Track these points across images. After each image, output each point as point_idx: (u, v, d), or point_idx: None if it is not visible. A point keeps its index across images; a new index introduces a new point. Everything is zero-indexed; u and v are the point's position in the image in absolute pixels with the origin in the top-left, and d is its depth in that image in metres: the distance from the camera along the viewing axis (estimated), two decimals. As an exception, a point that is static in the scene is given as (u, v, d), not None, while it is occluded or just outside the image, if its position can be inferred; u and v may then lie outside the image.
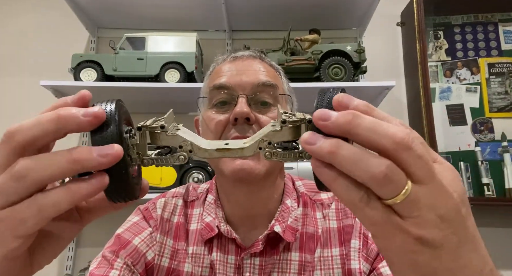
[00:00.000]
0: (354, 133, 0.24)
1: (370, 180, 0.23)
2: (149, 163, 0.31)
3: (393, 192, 0.23)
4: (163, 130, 0.30)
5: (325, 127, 0.24)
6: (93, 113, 0.25)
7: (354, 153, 0.23)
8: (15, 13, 1.75)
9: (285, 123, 0.30)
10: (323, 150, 0.24)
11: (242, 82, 0.59)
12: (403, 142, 0.23)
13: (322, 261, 0.60)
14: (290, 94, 0.66)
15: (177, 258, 0.62)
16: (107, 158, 0.25)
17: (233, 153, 0.31)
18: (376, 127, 0.24)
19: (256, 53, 0.67)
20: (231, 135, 0.57)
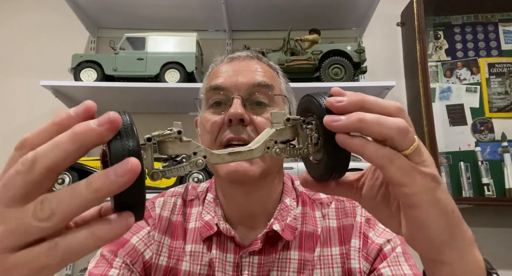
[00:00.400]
0: (366, 105, 0.30)
1: (396, 132, 0.28)
2: (159, 176, 0.29)
3: (410, 141, 0.29)
4: (179, 136, 0.30)
5: (343, 106, 0.29)
6: (108, 119, 0.23)
7: (377, 116, 0.29)
8: (15, 13, 1.75)
9: (289, 121, 0.33)
10: (352, 119, 0.29)
11: (237, 83, 0.59)
12: (401, 109, 0.30)
13: (321, 260, 0.60)
14: (288, 95, 0.66)
15: (175, 257, 0.62)
16: (126, 176, 0.22)
17: (243, 155, 0.33)
18: (379, 101, 0.30)
19: (253, 53, 0.67)
20: (226, 136, 0.57)
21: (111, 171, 0.22)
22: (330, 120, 0.29)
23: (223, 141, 0.58)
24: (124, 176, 0.22)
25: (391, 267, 0.56)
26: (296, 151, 0.33)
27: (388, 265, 0.56)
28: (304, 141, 0.33)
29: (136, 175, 0.23)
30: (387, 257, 0.58)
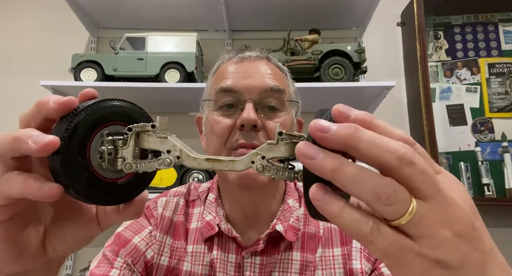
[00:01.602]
0: (355, 147, 0.22)
1: (374, 200, 0.21)
2: (131, 167, 0.29)
3: (399, 211, 0.21)
4: (153, 131, 0.29)
5: (324, 139, 0.22)
6: (58, 100, 0.27)
7: (358, 170, 0.22)
8: (15, 13, 1.75)
9: (282, 136, 0.28)
10: (325, 166, 0.22)
11: (249, 86, 0.58)
12: (405, 156, 0.22)
13: (323, 260, 0.60)
14: (296, 98, 0.66)
15: (176, 257, 0.62)
16: (37, 145, 0.25)
17: (223, 165, 0.29)
18: (377, 142, 0.22)
19: (263, 53, 0.66)
20: (238, 141, 0.56)
21: (32, 135, 0.26)
22: (301, 153, 0.23)
23: (233, 145, 0.57)
24: (36, 144, 0.25)
25: None
26: (289, 174, 0.28)
27: None
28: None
29: (47, 148, 0.25)
30: None
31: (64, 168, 0.26)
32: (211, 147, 0.60)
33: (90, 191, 0.28)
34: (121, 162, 0.29)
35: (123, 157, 0.29)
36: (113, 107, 0.29)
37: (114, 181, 0.30)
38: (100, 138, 0.29)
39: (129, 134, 0.29)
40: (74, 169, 0.27)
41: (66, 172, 0.26)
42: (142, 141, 0.30)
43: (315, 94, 1.40)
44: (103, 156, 0.29)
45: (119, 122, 0.30)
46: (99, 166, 0.29)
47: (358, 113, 0.24)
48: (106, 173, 0.29)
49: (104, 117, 0.28)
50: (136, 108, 0.31)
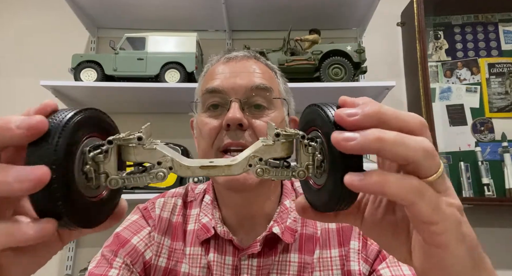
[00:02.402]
0: (385, 120, 0.24)
1: (422, 155, 0.23)
2: (117, 183, 0.26)
3: (437, 166, 0.24)
4: (140, 143, 0.27)
5: (356, 121, 0.24)
6: (27, 124, 0.22)
7: (399, 135, 0.23)
8: (15, 13, 1.75)
9: (279, 137, 0.28)
10: (369, 139, 0.23)
11: (235, 86, 0.58)
12: (425, 125, 0.25)
13: (321, 262, 0.59)
14: (286, 96, 0.65)
15: (174, 258, 0.62)
16: (25, 184, 0.21)
17: (219, 170, 0.28)
18: (399, 114, 0.25)
19: (250, 53, 0.65)
20: (224, 141, 0.56)
21: (12, 172, 0.21)
22: (341, 139, 0.23)
23: (221, 146, 0.57)
24: (23, 183, 0.21)
25: (390, 268, 0.56)
26: (288, 172, 0.28)
27: (387, 266, 0.56)
28: (303, 160, 0.28)
29: (38, 187, 0.21)
30: (386, 258, 0.57)
31: (58, 198, 0.23)
32: (200, 149, 0.61)
33: (84, 216, 0.26)
34: (105, 178, 0.26)
35: (105, 172, 0.26)
36: (86, 120, 0.26)
37: (99, 198, 0.28)
38: (81, 156, 0.26)
39: (110, 147, 0.26)
40: (69, 197, 0.24)
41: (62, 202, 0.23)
42: (127, 154, 0.27)
43: (315, 94, 1.40)
44: (88, 175, 0.26)
45: (93, 134, 0.27)
46: (85, 186, 0.26)
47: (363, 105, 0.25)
48: (90, 191, 0.27)
49: (80, 133, 0.26)
50: (101, 114, 0.28)
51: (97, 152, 0.26)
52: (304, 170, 0.28)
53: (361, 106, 0.25)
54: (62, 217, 0.24)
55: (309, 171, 0.28)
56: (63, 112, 0.25)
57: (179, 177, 1.33)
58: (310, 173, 0.28)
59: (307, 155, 0.28)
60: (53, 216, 0.23)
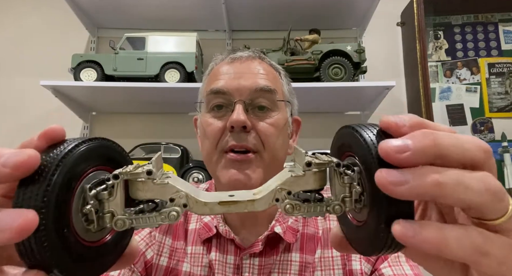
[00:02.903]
0: (442, 154, 0.20)
1: (488, 199, 0.20)
2: (124, 225, 0.23)
3: (505, 207, 0.20)
4: (150, 178, 0.23)
5: (407, 159, 0.19)
6: (13, 162, 0.19)
7: (458, 174, 0.19)
8: (15, 13, 1.75)
9: (310, 167, 0.24)
10: (425, 184, 0.19)
11: (239, 87, 0.58)
12: (489, 150, 0.21)
13: (322, 262, 0.60)
14: (290, 98, 0.66)
15: (175, 257, 0.62)
16: (6, 233, 0.18)
17: (240, 206, 0.24)
18: (458, 141, 0.20)
19: (255, 53, 0.65)
20: (228, 143, 0.56)
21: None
22: (388, 183, 0.19)
23: (225, 147, 0.57)
24: (4, 233, 0.18)
25: (392, 267, 0.56)
26: (321, 208, 0.24)
27: (389, 265, 0.56)
28: (339, 191, 0.24)
29: (24, 234, 0.18)
30: (388, 257, 0.58)
31: (47, 248, 0.19)
32: (204, 150, 0.61)
33: (81, 267, 0.22)
34: (110, 218, 0.23)
35: (110, 211, 0.23)
36: (90, 151, 0.23)
37: (101, 242, 0.24)
38: (81, 194, 0.22)
39: (116, 182, 0.23)
40: (61, 245, 0.20)
41: (51, 253, 0.20)
42: (136, 190, 0.24)
43: (315, 94, 1.40)
44: (89, 217, 0.22)
45: (99, 167, 0.24)
46: (85, 230, 0.23)
47: (409, 118, 0.22)
48: (92, 235, 0.23)
49: (82, 166, 0.22)
50: (109, 144, 0.25)
51: (101, 188, 0.23)
52: (341, 203, 0.24)
53: (412, 136, 0.20)
54: (52, 270, 0.20)
55: (346, 205, 0.24)
56: (66, 143, 0.22)
57: (179, 176, 1.32)
58: (347, 207, 0.24)
59: (343, 185, 0.24)
60: (42, 269, 0.20)
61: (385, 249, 0.22)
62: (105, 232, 0.25)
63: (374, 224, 0.22)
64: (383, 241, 0.21)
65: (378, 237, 0.21)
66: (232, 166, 0.56)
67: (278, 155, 0.59)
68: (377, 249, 0.22)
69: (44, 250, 0.19)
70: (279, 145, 0.59)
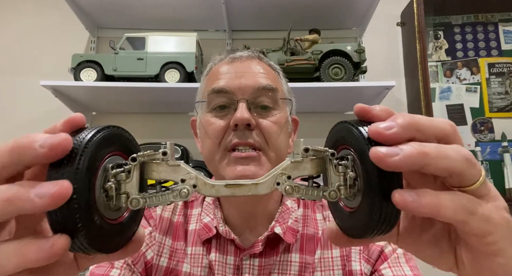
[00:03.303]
0: (421, 129, 0.24)
1: (465, 164, 0.23)
2: (138, 203, 0.25)
3: (479, 171, 0.24)
4: (165, 159, 0.26)
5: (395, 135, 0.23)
6: (49, 144, 0.21)
7: (437, 145, 0.23)
8: (15, 13, 1.75)
9: (308, 152, 0.26)
10: (413, 153, 0.22)
11: (241, 86, 0.58)
12: (455, 127, 0.25)
13: (322, 262, 0.60)
14: (290, 96, 0.66)
15: (175, 258, 0.62)
16: (46, 200, 0.20)
17: (245, 189, 0.26)
18: (432, 121, 0.24)
19: (254, 53, 0.66)
20: (232, 141, 0.56)
21: (34, 188, 0.21)
22: (383, 155, 0.22)
23: (228, 146, 0.56)
24: (44, 199, 0.20)
25: (392, 268, 0.56)
26: (318, 192, 0.26)
27: (389, 266, 0.56)
28: (334, 180, 0.26)
29: (60, 200, 0.21)
30: (388, 258, 0.57)
31: (77, 214, 0.22)
32: (206, 149, 0.60)
33: (101, 238, 0.24)
34: (125, 198, 0.25)
35: (126, 192, 0.25)
36: (109, 137, 0.25)
37: (118, 221, 0.26)
38: (104, 173, 0.25)
39: (133, 165, 0.26)
40: (88, 214, 0.23)
41: (80, 219, 0.22)
42: (151, 171, 0.26)
43: (315, 94, 1.40)
44: (109, 193, 0.25)
45: (116, 152, 0.26)
46: (105, 206, 0.25)
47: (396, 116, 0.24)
48: (110, 213, 0.26)
49: (104, 150, 0.25)
50: (123, 133, 0.27)
51: (120, 170, 0.25)
52: (336, 190, 0.26)
53: (394, 118, 0.24)
54: (78, 235, 0.22)
55: (341, 192, 0.26)
56: (88, 130, 0.25)
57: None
58: (342, 194, 0.26)
59: (337, 174, 0.26)
60: (69, 233, 0.22)
61: (379, 226, 0.24)
62: (120, 212, 0.27)
63: (368, 204, 0.24)
64: (376, 217, 0.23)
65: (371, 218, 0.23)
66: (237, 162, 0.56)
67: (281, 153, 0.59)
68: (370, 229, 0.24)
69: (74, 216, 0.22)
70: (281, 143, 0.59)
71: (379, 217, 0.23)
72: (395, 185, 0.23)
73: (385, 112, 0.25)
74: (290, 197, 0.27)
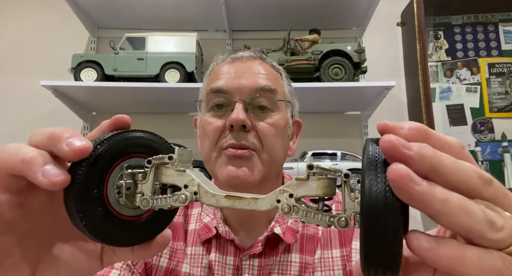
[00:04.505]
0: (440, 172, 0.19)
1: (487, 228, 0.18)
2: (148, 204, 0.27)
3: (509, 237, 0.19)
4: (171, 163, 0.27)
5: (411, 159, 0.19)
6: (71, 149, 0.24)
7: (461, 198, 0.18)
8: (15, 13, 1.75)
9: (312, 170, 0.23)
10: (435, 194, 0.18)
11: (240, 86, 0.58)
12: (485, 175, 0.20)
13: (322, 262, 0.60)
14: (291, 98, 0.65)
15: (175, 258, 0.62)
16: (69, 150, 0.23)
17: (244, 203, 0.26)
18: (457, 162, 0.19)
19: (256, 53, 0.65)
20: (227, 141, 0.56)
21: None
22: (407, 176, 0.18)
23: (223, 146, 0.57)
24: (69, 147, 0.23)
25: None
26: (324, 217, 0.23)
27: None
28: (348, 206, 0.23)
29: (79, 155, 0.24)
30: None
31: (77, 200, 0.24)
32: (204, 148, 0.61)
33: (103, 228, 0.25)
34: (140, 198, 0.27)
35: (141, 192, 0.27)
36: (135, 139, 0.28)
37: (134, 219, 0.28)
38: (120, 171, 0.27)
39: (149, 167, 0.27)
40: (88, 202, 0.25)
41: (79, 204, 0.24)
42: (160, 175, 0.28)
43: (315, 94, 1.40)
44: (121, 190, 0.27)
45: (142, 154, 0.28)
46: (117, 201, 0.27)
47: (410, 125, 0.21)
48: (125, 210, 0.27)
49: (125, 149, 0.27)
50: (159, 139, 0.29)
51: (138, 171, 0.27)
52: (347, 218, 0.22)
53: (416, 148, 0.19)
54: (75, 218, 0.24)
55: (355, 220, 0.22)
56: (121, 130, 0.28)
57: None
58: (356, 223, 0.22)
59: (353, 200, 0.23)
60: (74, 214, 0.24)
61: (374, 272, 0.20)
62: (140, 212, 0.28)
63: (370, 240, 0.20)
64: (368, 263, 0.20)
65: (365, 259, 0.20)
66: (230, 162, 0.56)
67: (277, 156, 0.59)
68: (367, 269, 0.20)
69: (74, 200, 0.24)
70: (278, 146, 0.59)
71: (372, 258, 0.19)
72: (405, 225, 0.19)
73: (416, 131, 0.21)
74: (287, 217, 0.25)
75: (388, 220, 0.18)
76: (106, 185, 0.26)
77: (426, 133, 0.21)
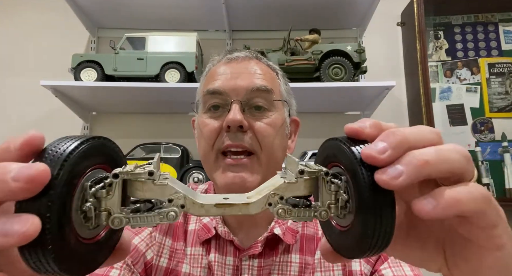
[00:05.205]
0: (411, 145, 0.23)
1: (465, 161, 0.23)
2: (121, 223, 0.23)
3: (473, 165, 0.24)
4: (151, 179, 0.24)
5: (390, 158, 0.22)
6: (26, 177, 0.18)
7: (434, 149, 0.23)
8: (16, 13, 1.75)
9: (303, 174, 0.25)
10: (416, 167, 0.22)
11: (236, 87, 0.58)
12: (438, 132, 0.25)
13: (322, 263, 0.59)
14: (288, 98, 0.65)
15: (175, 258, 0.62)
16: (8, 238, 0.18)
17: (235, 209, 0.25)
18: (419, 132, 0.24)
19: (252, 53, 0.65)
20: (224, 142, 0.56)
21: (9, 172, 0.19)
22: (389, 179, 0.21)
23: (221, 147, 0.57)
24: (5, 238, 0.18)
25: (392, 268, 0.56)
26: (310, 213, 0.26)
27: (389, 266, 0.56)
28: (325, 198, 0.26)
29: (26, 240, 0.18)
30: (388, 258, 0.57)
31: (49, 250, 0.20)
32: (201, 149, 0.61)
33: (73, 262, 0.22)
34: (106, 216, 0.23)
35: (107, 209, 0.23)
36: (89, 150, 0.23)
37: (95, 240, 0.24)
38: (81, 192, 0.22)
39: (115, 181, 0.23)
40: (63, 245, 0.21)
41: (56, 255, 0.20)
42: (135, 190, 0.24)
43: (315, 94, 1.40)
44: (87, 214, 0.23)
45: (96, 165, 0.24)
46: (82, 227, 0.23)
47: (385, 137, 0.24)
48: (86, 232, 0.23)
49: (82, 166, 0.22)
50: (107, 143, 0.25)
51: (100, 186, 0.23)
52: (327, 209, 0.25)
53: (383, 137, 0.23)
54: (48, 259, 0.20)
55: (332, 211, 0.25)
56: (65, 143, 0.22)
57: (179, 176, 1.33)
58: (333, 212, 0.25)
59: (329, 193, 0.25)
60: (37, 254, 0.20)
61: (369, 250, 0.23)
62: (99, 229, 0.25)
63: (361, 224, 0.23)
64: (369, 238, 0.23)
65: (364, 239, 0.23)
66: (230, 168, 0.56)
67: (276, 155, 0.59)
68: (362, 250, 0.24)
69: (46, 253, 0.20)
70: (276, 145, 0.59)
71: (372, 238, 0.23)
72: (388, 203, 0.22)
73: (375, 129, 0.24)
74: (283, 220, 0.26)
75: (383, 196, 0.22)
76: (71, 214, 0.21)
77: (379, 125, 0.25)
